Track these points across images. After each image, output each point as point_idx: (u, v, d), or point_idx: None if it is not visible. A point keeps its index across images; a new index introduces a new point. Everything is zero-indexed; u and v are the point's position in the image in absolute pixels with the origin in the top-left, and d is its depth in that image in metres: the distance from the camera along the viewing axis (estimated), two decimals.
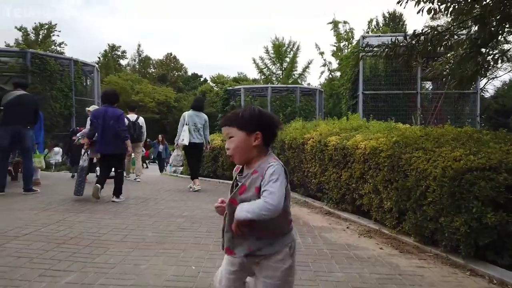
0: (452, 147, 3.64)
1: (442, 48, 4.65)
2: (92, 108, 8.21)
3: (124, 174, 7.07)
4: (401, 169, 3.95)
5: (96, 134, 5.78)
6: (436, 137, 4.07)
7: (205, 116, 7.52)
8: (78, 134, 7.97)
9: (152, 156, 20.07)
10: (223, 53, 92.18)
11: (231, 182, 1.70)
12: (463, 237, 3.21)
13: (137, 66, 58.09)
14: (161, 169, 17.11)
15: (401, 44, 4.16)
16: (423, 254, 3.63)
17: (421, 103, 15.33)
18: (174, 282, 2.73)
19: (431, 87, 18.43)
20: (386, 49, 4.36)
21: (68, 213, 4.78)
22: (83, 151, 5.97)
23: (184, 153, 7.52)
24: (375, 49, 4.81)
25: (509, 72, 29.00)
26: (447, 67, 5.12)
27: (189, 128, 7.14)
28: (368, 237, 4.25)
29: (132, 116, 8.80)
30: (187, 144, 7.12)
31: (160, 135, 18.39)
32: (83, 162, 5.81)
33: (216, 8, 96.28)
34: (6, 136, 5.82)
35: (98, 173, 6.37)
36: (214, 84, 48.58)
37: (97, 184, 5.68)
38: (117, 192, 5.87)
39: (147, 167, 19.14)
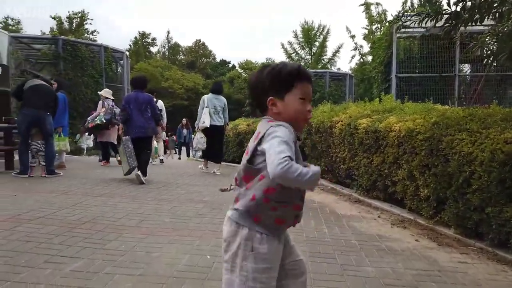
0: (502, 128, 3.20)
1: (489, 18, 4.12)
2: (104, 92, 8.38)
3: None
4: (441, 153, 3.53)
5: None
6: (482, 117, 3.61)
7: (224, 99, 7.57)
8: (88, 118, 8.15)
9: (177, 142, 19.31)
10: (251, 39, 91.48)
11: None
12: None
13: (167, 53, 58.55)
14: (187, 154, 16.79)
15: (443, 12, 3.69)
16: (465, 248, 3.24)
17: (459, 86, 14.45)
18: (186, 273, 2.50)
19: (469, 70, 17.39)
20: (426, 18, 3.89)
21: (87, 196, 4.67)
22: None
23: (206, 136, 7.42)
24: (413, 18, 4.33)
25: None
26: (495, 40, 4.58)
27: (209, 111, 7.22)
28: (402, 227, 3.88)
29: None
30: (208, 126, 7.16)
31: (184, 119, 17.40)
32: (126, 140, 5.91)
33: None
34: (24, 121, 5.83)
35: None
36: (242, 70, 48.26)
37: (138, 172, 5.85)
38: (143, 172, 5.94)
39: (176, 153, 18.89)
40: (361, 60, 29.47)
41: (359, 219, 4.20)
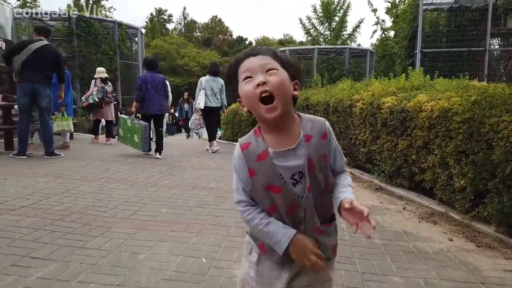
0: None
1: None
2: (96, 72, 8.58)
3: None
4: (483, 138, 2.98)
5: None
6: None
7: (222, 81, 7.58)
8: (82, 98, 8.33)
9: (177, 115, 17.17)
10: (269, 14, 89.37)
11: None
12: None
13: (183, 30, 57.74)
14: (188, 131, 14.31)
15: None
16: (510, 251, 2.72)
17: (488, 62, 13.51)
18: (174, 282, 2.08)
19: (497, 45, 16.26)
20: None
21: (82, 181, 4.30)
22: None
23: (203, 117, 7.71)
24: None
25: None
26: None
27: (205, 92, 7.36)
28: (432, 222, 3.37)
29: None
30: (203, 107, 7.37)
31: (186, 92, 15.11)
32: (145, 127, 6.32)
33: None
34: (23, 94, 5.36)
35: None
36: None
37: (156, 155, 6.43)
38: (160, 148, 6.49)
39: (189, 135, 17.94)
40: (383, 35, 28.23)
41: (382, 211, 3.71)
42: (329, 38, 31.53)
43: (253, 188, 1.09)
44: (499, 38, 14.88)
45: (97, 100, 8.01)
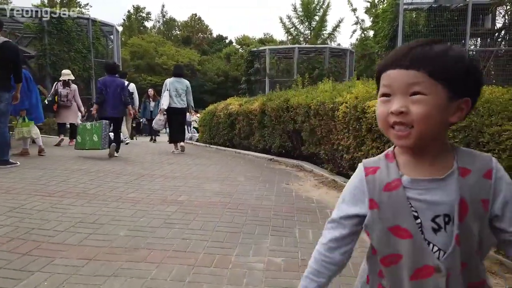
0: None
1: None
2: (63, 73, 8.57)
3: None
4: (482, 148, 2.67)
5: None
6: None
7: (187, 82, 7.88)
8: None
9: (143, 119, 15.68)
10: (249, 13, 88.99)
11: (250, 153, 0.65)
12: None
13: (162, 28, 56.73)
14: (153, 133, 12.34)
15: None
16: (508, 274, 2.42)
17: None
18: None
19: (472, 46, 16.36)
20: None
21: (34, 196, 3.81)
22: None
23: (167, 118, 7.94)
24: None
25: None
26: None
27: (170, 93, 7.52)
28: None
29: None
30: (166, 107, 7.57)
31: (151, 89, 13.42)
32: (106, 125, 6.54)
33: None
34: None
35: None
36: (239, 46, 46.85)
37: (114, 143, 6.75)
38: (118, 148, 6.84)
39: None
40: (363, 35, 28.34)
41: None
42: (309, 37, 31.46)
43: (371, 224, 0.84)
44: (478, 38, 14.96)
45: (46, 103, 8.04)
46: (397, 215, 0.81)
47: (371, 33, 26.14)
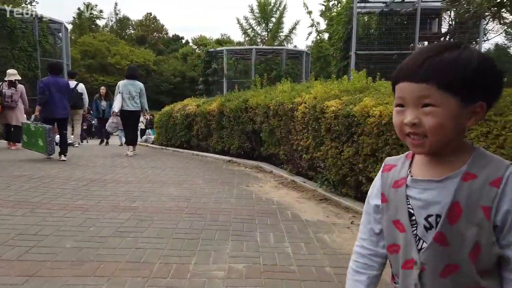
0: None
1: None
2: (8, 73, 8.14)
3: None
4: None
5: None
6: None
7: (141, 84, 7.70)
8: None
9: (94, 121, 14.33)
10: (206, 13, 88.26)
11: (208, 155, 0.48)
12: None
13: (114, 27, 54.78)
14: (105, 135, 11.02)
15: None
16: None
17: None
18: None
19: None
20: None
21: None
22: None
23: (122, 121, 7.76)
24: None
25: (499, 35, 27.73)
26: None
27: (123, 96, 7.38)
28: None
29: (71, 83, 8.64)
30: (117, 110, 7.46)
31: (103, 88, 12.15)
32: (49, 130, 6.34)
33: None
34: None
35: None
36: (196, 47, 46.27)
37: (62, 158, 6.53)
38: (64, 151, 6.58)
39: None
40: (318, 37, 28.90)
41: (329, 227, 3.34)
42: (266, 38, 31.67)
43: (382, 215, 0.93)
44: (426, 42, 15.70)
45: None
46: (397, 210, 0.87)
47: (326, 35, 26.75)
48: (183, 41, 52.85)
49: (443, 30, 15.51)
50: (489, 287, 0.80)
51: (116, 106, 7.46)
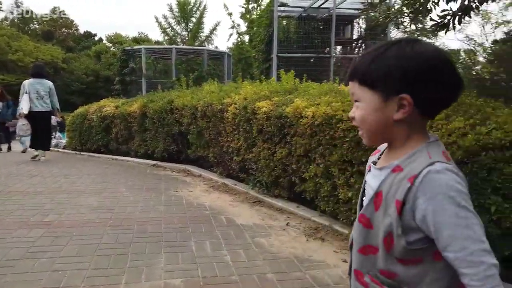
0: (445, 115, 2.55)
1: None
2: None
3: None
4: (372, 147, 2.77)
5: None
6: None
7: (49, 83, 7.15)
8: None
9: None
10: (121, 10, 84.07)
11: (130, 159, 0.26)
12: None
13: (16, 21, 49.49)
14: (5, 140, 9.78)
15: None
16: None
17: (333, 67, 14.94)
18: None
19: (339, 52, 18.24)
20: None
21: None
22: None
23: (30, 123, 7.02)
24: None
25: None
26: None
27: (30, 96, 6.83)
28: (320, 239, 3.07)
29: None
30: (26, 112, 6.80)
31: None
32: None
33: None
34: None
35: None
36: (110, 44, 43.75)
37: None
38: None
39: None
40: (239, 39, 29.14)
41: (265, 230, 3.27)
42: (186, 38, 31.07)
43: None
44: (340, 47, 16.66)
45: None
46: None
47: (246, 37, 27.07)
48: (96, 38, 49.68)
49: (356, 36, 16.57)
50: (407, 276, 0.80)
51: (24, 108, 6.77)
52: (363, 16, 16.50)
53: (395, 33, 24.19)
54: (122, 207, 3.81)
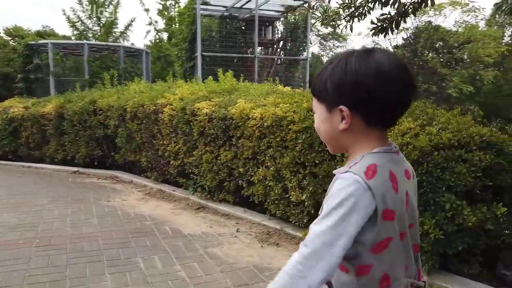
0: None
1: None
2: None
3: None
4: (325, 148, 2.77)
5: None
6: None
7: None
8: None
9: None
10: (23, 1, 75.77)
11: (45, 166, 0.16)
12: (430, 245, 2.26)
13: None
14: None
15: None
16: None
17: (257, 67, 15.12)
18: None
19: (260, 52, 18.55)
20: None
21: None
22: None
23: None
24: None
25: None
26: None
27: None
28: (274, 244, 3.00)
29: None
30: None
31: None
32: None
33: None
34: None
35: None
36: (9, 38, 39.23)
37: None
38: None
39: None
40: (157, 36, 28.10)
41: (216, 239, 3.10)
42: (99, 34, 29.07)
43: None
44: (262, 47, 16.94)
45: None
46: None
47: (165, 35, 26.21)
48: None
49: (277, 37, 16.97)
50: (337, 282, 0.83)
51: None
52: (282, 18, 16.97)
53: (313, 38, 25.37)
54: (48, 223, 3.34)
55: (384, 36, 3.37)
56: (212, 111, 3.80)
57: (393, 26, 3.44)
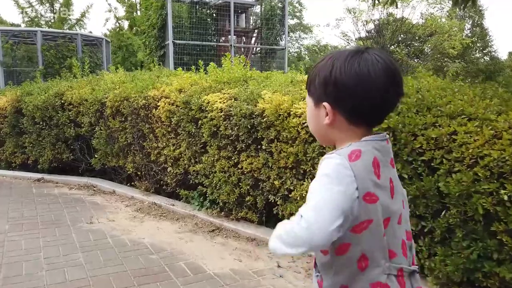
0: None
1: None
2: None
3: None
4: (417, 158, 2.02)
5: None
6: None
7: None
8: None
9: None
10: None
11: (21, 174, 0.22)
12: None
13: None
14: None
15: None
16: None
17: (233, 56, 14.24)
18: None
19: (234, 40, 17.64)
20: None
21: None
22: None
23: None
24: None
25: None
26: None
27: None
28: None
29: None
30: None
31: None
32: None
33: None
34: None
35: None
36: None
37: None
38: None
39: None
40: (117, 24, 26.37)
41: (258, 282, 2.28)
42: (53, 21, 26.84)
43: None
44: (236, 35, 16.03)
45: None
46: None
47: (126, 23, 24.61)
48: None
49: (253, 25, 16.12)
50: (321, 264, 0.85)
51: None
52: (258, 6, 16.22)
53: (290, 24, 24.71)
54: (14, 265, 2.38)
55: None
56: (228, 105, 2.94)
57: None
